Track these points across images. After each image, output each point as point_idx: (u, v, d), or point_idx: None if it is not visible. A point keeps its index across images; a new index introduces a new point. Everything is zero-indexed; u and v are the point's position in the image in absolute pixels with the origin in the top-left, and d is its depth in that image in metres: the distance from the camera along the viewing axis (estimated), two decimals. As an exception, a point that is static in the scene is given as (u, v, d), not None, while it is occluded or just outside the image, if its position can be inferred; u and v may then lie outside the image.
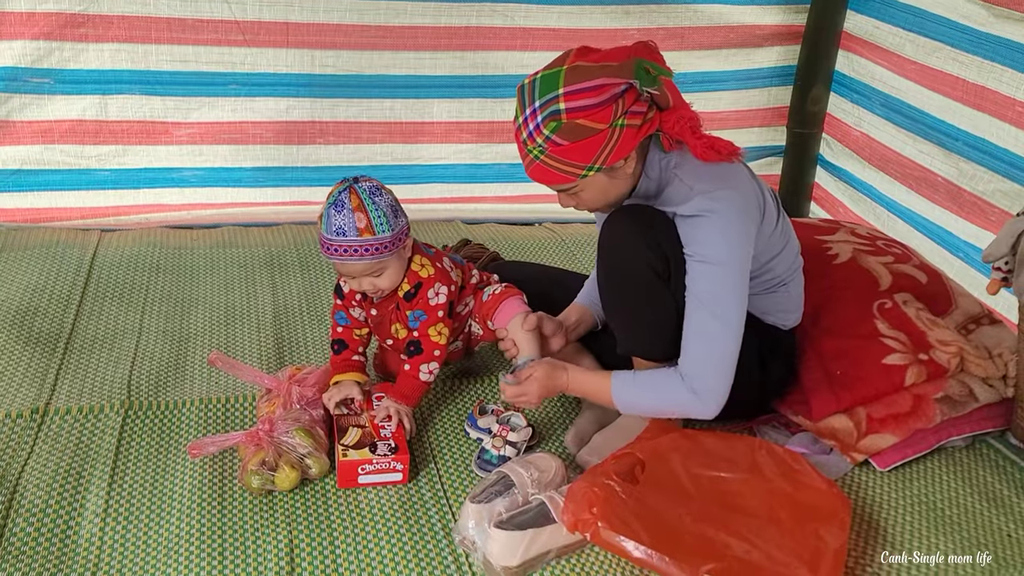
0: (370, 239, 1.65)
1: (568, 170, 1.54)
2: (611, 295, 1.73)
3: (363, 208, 1.64)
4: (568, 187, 1.60)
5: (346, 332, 1.87)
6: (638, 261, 1.62)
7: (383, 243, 1.67)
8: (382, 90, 2.78)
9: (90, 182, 2.69)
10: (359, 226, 1.64)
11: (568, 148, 1.51)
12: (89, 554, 1.48)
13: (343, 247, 1.66)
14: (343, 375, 1.83)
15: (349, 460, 1.65)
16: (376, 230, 1.65)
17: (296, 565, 1.48)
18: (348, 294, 1.85)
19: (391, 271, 1.73)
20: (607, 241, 1.67)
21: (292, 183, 2.85)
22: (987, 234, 2.41)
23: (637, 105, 1.51)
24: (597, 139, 1.49)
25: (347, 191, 1.66)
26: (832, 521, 1.52)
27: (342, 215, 1.64)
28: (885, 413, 1.82)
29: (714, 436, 1.74)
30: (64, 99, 2.56)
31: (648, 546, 1.41)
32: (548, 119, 1.49)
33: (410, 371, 1.79)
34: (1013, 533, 1.66)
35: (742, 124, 3.14)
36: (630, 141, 1.52)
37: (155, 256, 2.52)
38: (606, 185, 1.60)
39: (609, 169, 1.56)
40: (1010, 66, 2.30)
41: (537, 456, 1.69)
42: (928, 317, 1.97)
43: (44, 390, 1.88)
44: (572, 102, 1.47)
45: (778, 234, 1.72)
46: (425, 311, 1.78)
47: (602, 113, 1.48)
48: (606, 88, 1.47)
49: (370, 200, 1.65)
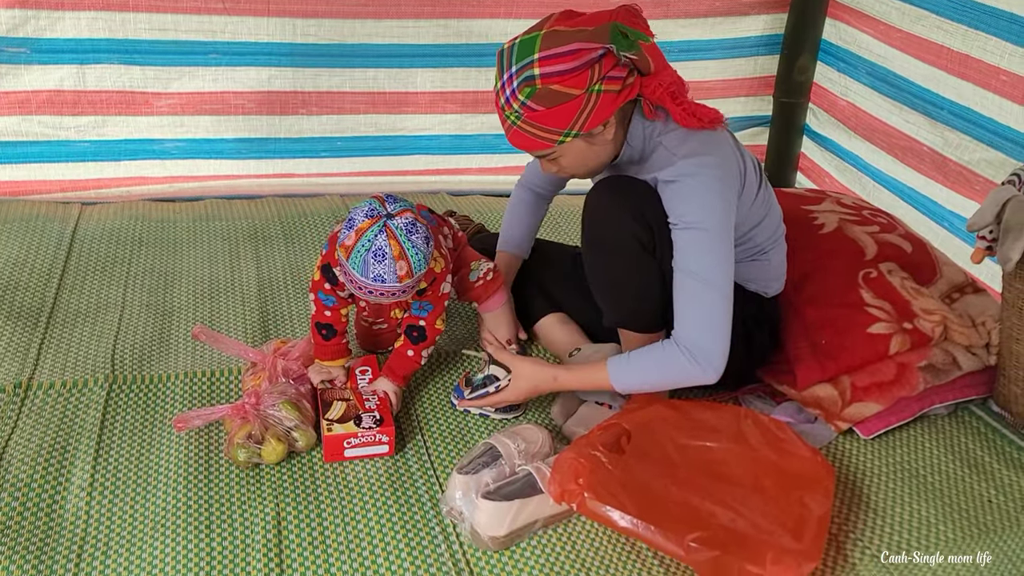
0: (409, 282, 1.61)
1: (545, 136, 1.53)
2: (596, 267, 1.72)
3: (404, 256, 1.58)
4: (547, 153, 1.59)
5: (334, 315, 1.78)
6: (623, 233, 1.61)
7: (419, 279, 1.64)
8: (365, 59, 2.74)
9: (69, 154, 2.65)
10: (400, 273, 1.58)
11: (544, 114, 1.50)
12: (75, 528, 1.48)
13: (380, 291, 1.61)
14: (331, 362, 1.81)
15: (335, 434, 1.65)
16: (414, 271, 1.60)
17: (284, 537, 1.49)
18: (341, 283, 1.75)
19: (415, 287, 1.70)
20: (591, 214, 1.66)
21: (275, 154, 2.82)
22: (972, 203, 2.42)
23: (616, 70, 1.49)
24: (573, 105, 1.48)
25: (384, 234, 1.56)
26: (816, 489, 1.53)
27: (383, 265, 1.57)
28: (869, 382, 1.83)
29: (700, 406, 1.74)
30: (41, 69, 2.52)
31: (634, 516, 1.42)
32: (523, 84, 1.48)
33: (413, 357, 1.80)
34: (994, 499, 1.68)
35: (728, 93, 3.13)
36: (608, 107, 1.51)
37: (137, 229, 2.49)
38: (585, 151, 1.59)
39: (587, 135, 1.55)
40: (994, 34, 2.29)
41: (524, 427, 1.69)
42: (912, 286, 1.98)
43: (27, 364, 1.87)
44: (547, 67, 1.46)
45: (759, 203, 1.71)
46: (433, 303, 1.78)
47: (577, 78, 1.46)
48: (581, 53, 1.46)
49: (409, 243, 1.58)
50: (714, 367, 1.57)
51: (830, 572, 1.48)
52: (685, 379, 1.60)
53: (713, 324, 1.57)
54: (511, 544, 1.50)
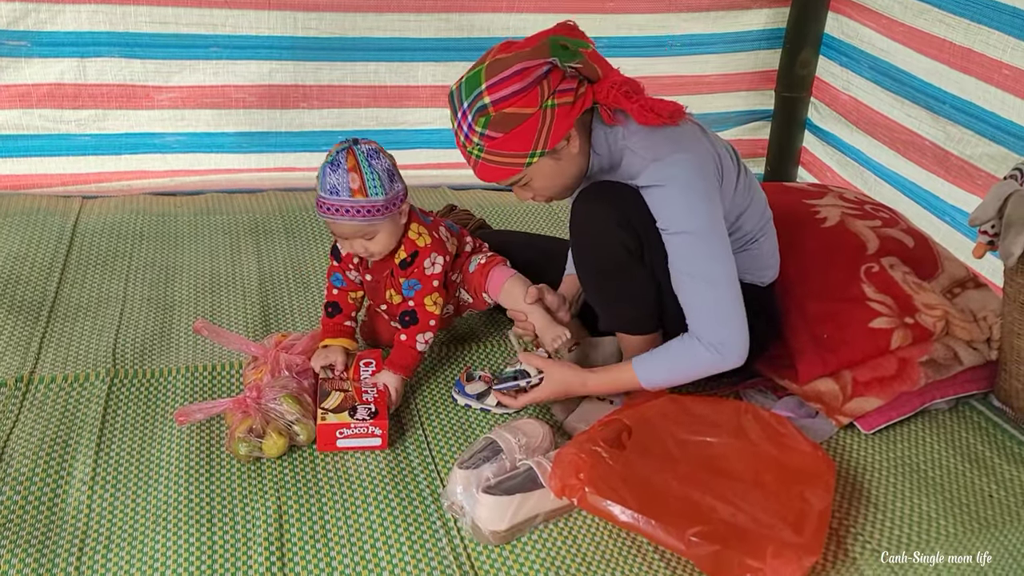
0: (362, 200, 1.65)
1: (511, 162, 1.54)
2: (587, 276, 1.73)
3: (358, 169, 1.64)
4: (517, 179, 1.59)
5: (341, 295, 1.87)
6: (610, 242, 1.61)
7: (375, 206, 1.66)
8: (366, 53, 2.73)
9: (70, 148, 2.65)
10: (352, 187, 1.64)
11: (504, 139, 1.51)
12: (77, 522, 1.48)
13: (335, 206, 1.66)
14: (333, 340, 1.83)
15: (327, 423, 1.65)
16: (369, 192, 1.65)
17: (285, 531, 1.49)
18: (345, 257, 1.84)
19: (383, 236, 1.72)
20: (577, 226, 1.66)
21: (276, 148, 2.81)
22: (974, 198, 2.41)
23: (565, 83, 1.50)
24: (530, 124, 1.49)
25: (345, 151, 1.66)
26: (817, 483, 1.53)
27: (337, 174, 1.65)
28: (870, 376, 1.83)
29: (700, 401, 1.74)
30: (41, 62, 2.51)
31: (635, 510, 1.42)
32: (477, 115, 1.50)
33: (407, 341, 1.79)
34: (995, 494, 1.68)
35: (729, 88, 3.12)
36: (565, 119, 1.51)
37: (138, 223, 2.49)
38: (554, 169, 1.59)
39: (552, 152, 1.55)
40: (997, 28, 2.28)
41: (525, 422, 1.69)
42: (914, 281, 1.97)
43: (28, 358, 1.87)
44: (496, 93, 1.48)
45: (742, 190, 1.70)
46: (420, 280, 1.78)
47: (528, 97, 1.48)
48: (527, 72, 1.47)
49: (367, 162, 1.66)
50: (737, 354, 1.60)
51: (830, 566, 1.48)
52: (713, 369, 1.63)
53: (725, 316, 1.58)
54: (512, 538, 1.50)
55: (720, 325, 1.58)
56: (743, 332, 1.59)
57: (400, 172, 1.74)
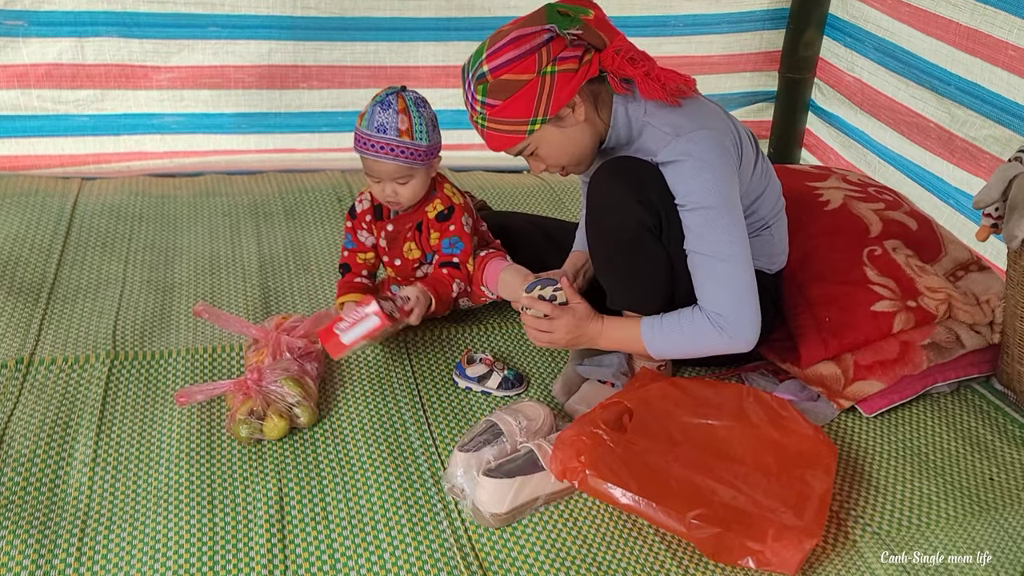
0: (407, 142, 1.71)
1: (513, 129, 1.55)
2: (602, 252, 1.70)
3: (407, 112, 1.71)
4: (522, 147, 1.60)
5: (351, 256, 1.93)
6: (630, 218, 1.59)
7: (419, 150, 1.73)
8: (366, 33, 2.71)
9: (69, 128, 2.64)
10: (400, 127, 1.70)
11: (503, 106, 1.53)
12: (78, 503, 1.48)
13: (380, 144, 1.71)
14: (346, 296, 1.88)
15: (325, 327, 1.70)
16: (415, 135, 1.72)
17: (285, 513, 1.49)
18: (360, 214, 1.90)
19: (415, 182, 1.78)
20: (596, 199, 1.64)
21: (275, 129, 2.80)
22: (978, 180, 2.40)
23: (568, 51, 1.51)
24: (528, 90, 1.51)
25: (395, 94, 1.73)
26: (818, 466, 1.53)
27: (387, 114, 1.71)
28: (872, 360, 1.82)
29: (702, 384, 1.74)
30: (39, 42, 2.50)
31: (635, 493, 1.42)
32: (477, 84, 1.53)
33: (446, 276, 1.84)
34: (995, 477, 1.68)
35: (733, 69, 3.10)
36: (567, 86, 1.52)
37: (137, 205, 2.48)
38: (560, 138, 1.58)
39: (556, 119, 1.55)
40: (1003, 8, 2.25)
41: (525, 405, 1.69)
42: (917, 264, 1.97)
43: (28, 340, 1.87)
44: (494, 61, 1.51)
45: (759, 175, 1.69)
46: (461, 238, 1.84)
47: (525, 64, 1.50)
48: (524, 39, 1.50)
49: (415, 107, 1.73)
50: (745, 337, 1.58)
51: (831, 549, 1.49)
52: (718, 348, 1.61)
53: (737, 295, 1.57)
54: (512, 521, 1.50)
55: (728, 303, 1.57)
56: (752, 314, 1.58)
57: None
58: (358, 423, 1.71)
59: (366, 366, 1.87)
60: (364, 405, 1.76)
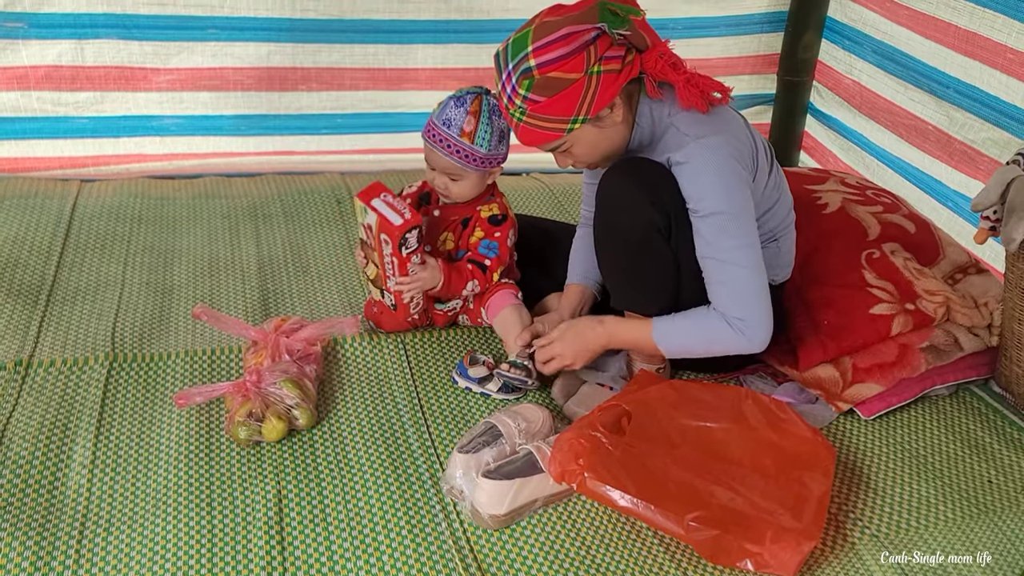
0: (466, 144, 1.74)
1: (553, 126, 1.53)
2: (611, 252, 1.70)
3: (478, 116, 1.73)
4: (557, 144, 1.58)
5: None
6: (641, 219, 1.60)
7: (475, 155, 1.75)
8: (365, 35, 2.71)
9: (68, 130, 2.64)
10: (465, 128, 1.73)
11: (547, 103, 1.50)
12: (77, 505, 1.48)
13: (441, 136, 1.75)
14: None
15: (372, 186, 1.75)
16: (476, 140, 1.74)
17: (284, 515, 1.49)
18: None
19: (467, 183, 1.81)
20: (608, 199, 1.64)
21: (274, 131, 2.80)
22: (976, 183, 2.40)
23: (613, 50, 1.49)
24: (574, 89, 1.48)
25: (475, 95, 1.75)
26: (816, 469, 1.53)
27: (458, 111, 1.73)
28: (871, 362, 1.83)
29: (700, 386, 1.74)
30: (39, 44, 2.49)
31: (634, 495, 1.43)
32: (521, 78, 1.49)
33: (466, 273, 1.84)
34: (994, 479, 1.69)
35: (732, 71, 3.10)
36: (611, 87, 1.50)
37: (137, 207, 2.48)
38: (596, 137, 1.58)
39: (595, 119, 1.54)
40: (1001, 12, 2.26)
41: (524, 407, 1.69)
42: (915, 267, 1.97)
43: (27, 342, 1.87)
44: (541, 56, 1.47)
45: (772, 188, 1.70)
46: (500, 247, 1.86)
47: (574, 62, 1.46)
48: (574, 36, 1.46)
49: (488, 114, 1.74)
50: (759, 338, 1.59)
51: (829, 551, 1.49)
52: (729, 347, 1.61)
53: (749, 297, 1.58)
54: (511, 523, 1.50)
55: (741, 304, 1.58)
56: (765, 315, 1.58)
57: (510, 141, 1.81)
58: (357, 425, 1.71)
59: (365, 367, 1.87)
60: (363, 407, 1.76)
